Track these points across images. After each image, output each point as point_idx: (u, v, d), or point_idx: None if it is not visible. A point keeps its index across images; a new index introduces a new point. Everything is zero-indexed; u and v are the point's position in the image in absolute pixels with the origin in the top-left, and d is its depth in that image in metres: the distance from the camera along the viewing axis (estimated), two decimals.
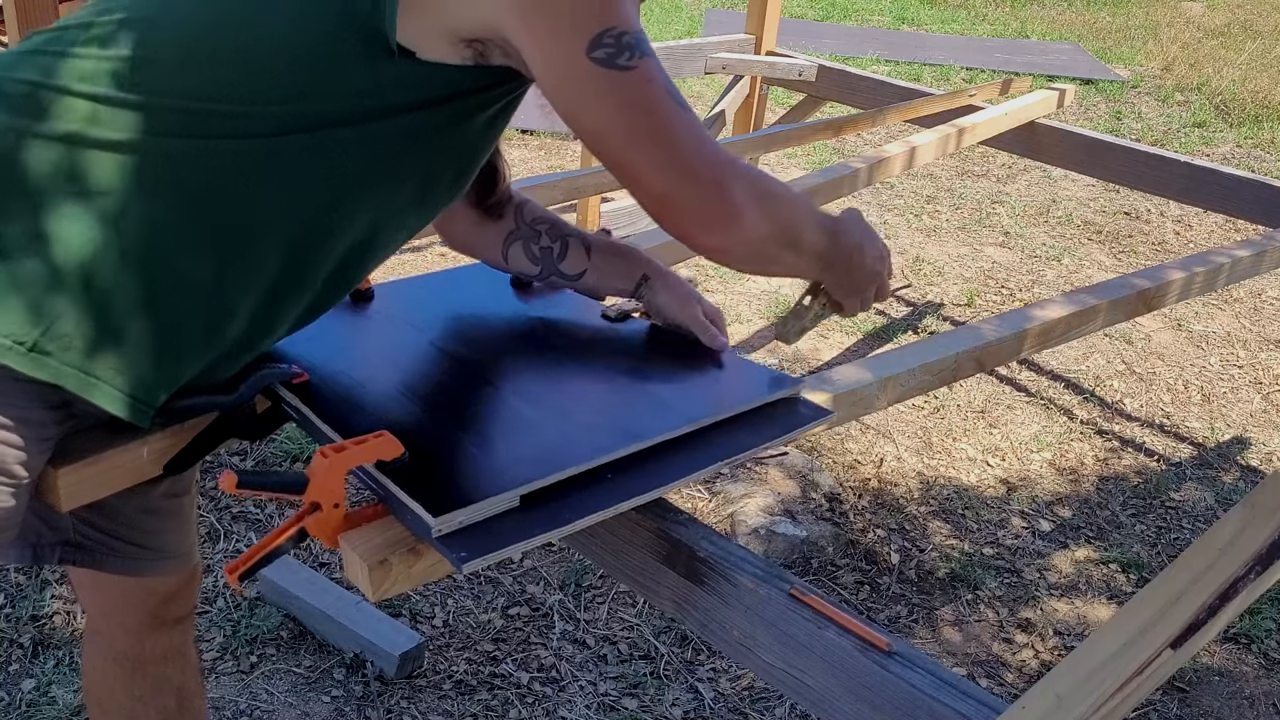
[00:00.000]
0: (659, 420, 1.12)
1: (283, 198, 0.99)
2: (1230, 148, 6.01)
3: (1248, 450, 3.14)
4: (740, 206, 0.97)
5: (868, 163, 2.62)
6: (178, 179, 0.96)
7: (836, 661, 0.98)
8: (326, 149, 0.98)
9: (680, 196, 0.96)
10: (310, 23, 0.95)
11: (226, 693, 1.99)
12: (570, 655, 2.16)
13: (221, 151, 0.96)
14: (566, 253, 1.34)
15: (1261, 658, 2.32)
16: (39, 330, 0.93)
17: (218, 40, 0.96)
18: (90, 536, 1.19)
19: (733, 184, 0.97)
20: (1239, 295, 4.16)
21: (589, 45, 0.90)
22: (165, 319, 0.98)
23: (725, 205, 0.97)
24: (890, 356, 1.49)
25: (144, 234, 0.95)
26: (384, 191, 1.05)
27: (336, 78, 0.96)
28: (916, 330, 3.71)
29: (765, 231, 1.01)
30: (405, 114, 1.00)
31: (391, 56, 0.95)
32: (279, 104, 0.96)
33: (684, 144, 0.95)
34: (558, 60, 0.92)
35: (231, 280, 1.00)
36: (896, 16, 9.14)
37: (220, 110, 0.95)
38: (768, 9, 3.92)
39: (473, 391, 1.19)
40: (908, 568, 2.49)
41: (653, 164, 0.95)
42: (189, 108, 0.95)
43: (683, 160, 0.95)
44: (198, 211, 0.97)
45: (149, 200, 0.95)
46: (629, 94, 0.93)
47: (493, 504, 0.96)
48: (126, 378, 0.99)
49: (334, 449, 0.94)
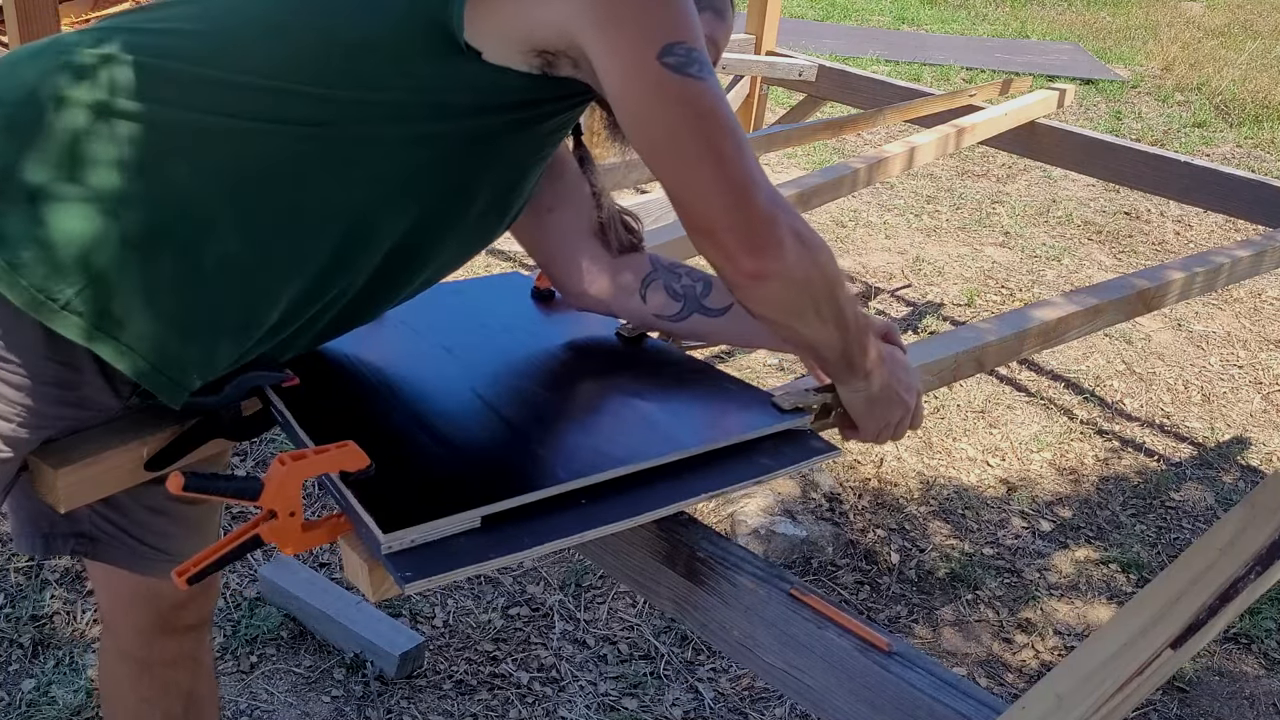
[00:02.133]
0: (647, 446, 1.09)
1: (335, 188, 1.00)
2: (1230, 148, 6.01)
3: (1248, 450, 3.14)
4: (786, 240, 0.97)
5: (867, 163, 2.62)
6: (237, 158, 0.97)
7: (836, 661, 0.97)
8: (384, 143, 0.99)
9: (732, 216, 0.95)
10: (383, 12, 0.96)
11: (227, 693, 1.99)
12: (570, 655, 2.16)
13: (282, 135, 0.97)
14: (711, 289, 1.29)
15: (1262, 658, 2.32)
16: (73, 289, 0.94)
17: (293, 20, 0.98)
18: (103, 529, 1.20)
19: (783, 218, 0.97)
20: (1239, 295, 4.16)
21: (661, 51, 0.92)
22: (203, 295, 0.99)
23: (773, 234, 0.96)
24: None
25: (191, 208, 0.96)
26: (433, 196, 1.05)
27: (402, 70, 0.97)
28: (916, 330, 3.71)
29: (803, 274, 1.00)
30: (465, 118, 1.00)
31: (458, 54, 0.96)
32: (345, 89, 0.97)
33: (744, 166, 0.95)
34: (630, 63, 0.93)
35: (274, 265, 1.01)
36: (896, 16, 9.14)
37: (286, 90, 0.97)
38: (767, 9, 3.92)
39: (463, 406, 1.17)
40: (908, 568, 2.49)
41: (712, 179, 0.94)
42: (258, 85, 0.97)
43: (741, 181, 0.95)
44: (250, 191, 0.98)
45: (204, 176, 0.96)
46: (698, 103, 0.93)
47: (450, 523, 0.94)
48: (156, 350, 0.99)
49: (293, 456, 0.93)
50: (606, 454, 1.07)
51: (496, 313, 1.38)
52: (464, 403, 1.18)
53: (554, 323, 1.38)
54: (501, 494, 0.98)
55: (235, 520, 2.40)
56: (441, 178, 1.04)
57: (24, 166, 0.94)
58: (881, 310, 3.81)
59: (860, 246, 4.37)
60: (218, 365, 1.04)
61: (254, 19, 1.00)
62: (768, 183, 0.97)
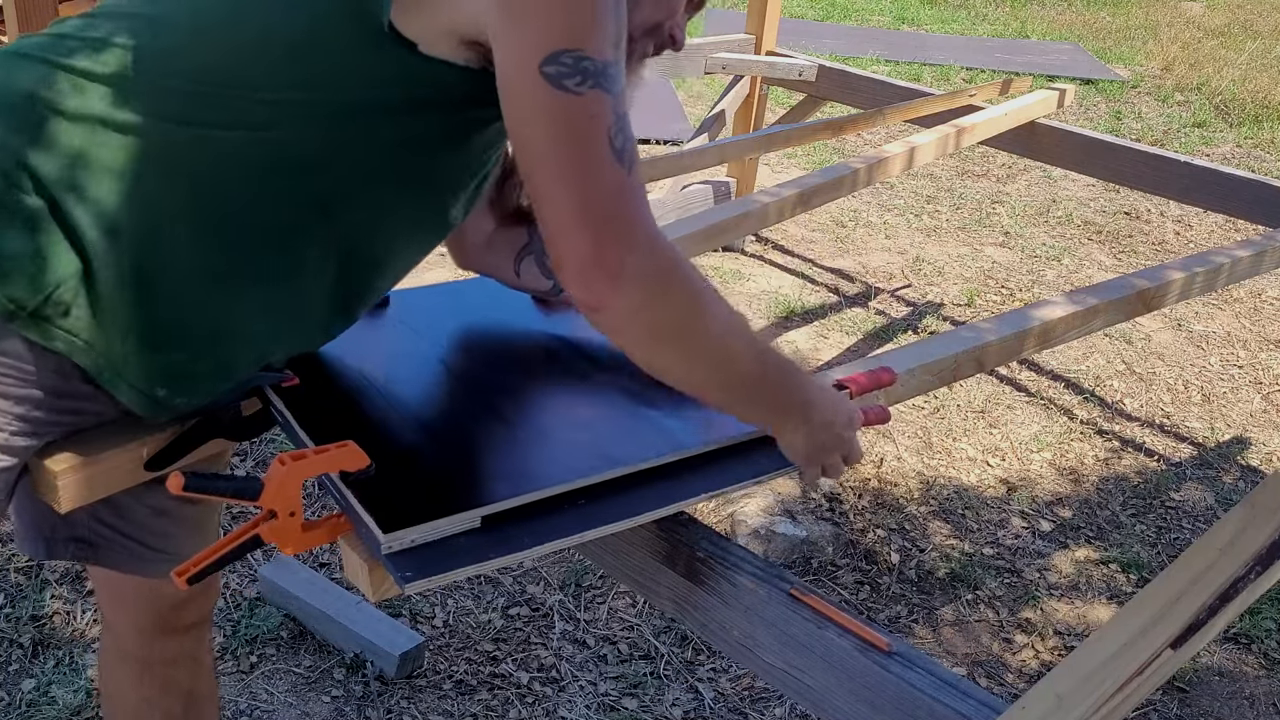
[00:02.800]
0: (645, 446, 1.09)
1: (280, 194, 0.98)
2: (1230, 148, 6.01)
3: (1248, 450, 3.13)
4: (631, 281, 0.89)
5: (867, 163, 2.62)
6: (179, 166, 0.96)
7: (836, 661, 0.98)
8: (326, 144, 0.97)
9: (570, 239, 0.89)
10: (313, 5, 0.95)
11: (226, 693, 1.99)
12: (570, 655, 2.16)
13: (223, 140, 0.96)
14: None
15: (1262, 658, 2.32)
16: (42, 297, 0.94)
17: (228, 20, 0.97)
18: (101, 534, 1.19)
19: (639, 259, 0.89)
20: (1239, 295, 4.16)
21: (544, 59, 0.87)
22: (164, 305, 0.99)
23: (618, 271, 0.89)
24: (890, 356, 1.49)
25: (149, 217, 0.96)
26: (386, 199, 1.04)
27: (338, 65, 0.95)
28: (916, 330, 3.71)
29: (651, 318, 0.93)
30: (408, 115, 0.98)
31: (392, 46, 0.93)
32: (283, 90, 0.95)
33: (598, 189, 0.89)
34: (511, 64, 0.90)
35: (234, 275, 1.00)
36: (896, 16, 9.14)
37: (223, 95, 0.95)
38: (768, 9, 3.92)
39: (461, 406, 1.17)
40: (908, 568, 2.49)
41: (560, 197, 0.89)
42: (193, 90, 0.95)
43: (590, 205, 0.88)
44: (199, 200, 0.97)
45: (162, 185, 0.96)
46: (564, 118, 0.88)
47: (450, 523, 0.94)
48: (123, 358, 0.99)
49: (293, 456, 0.93)
50: (606, 454, 1.07)
51: (496, 312, 1.39)
52: (464, 403, 1.18)
53: (554, 323, 1.38)
54: (501, 494, 0.98)
55: (235, 520, 2.40)
56: (392, 183, 1.02)
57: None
58: (881, 310, 3.81)
59: (860, 246, 4.37)
60: (191, 376, 1.04)
61: (199, 20, 0.98)
62: (639, 215, 0.91)
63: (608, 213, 0.89)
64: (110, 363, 1.00)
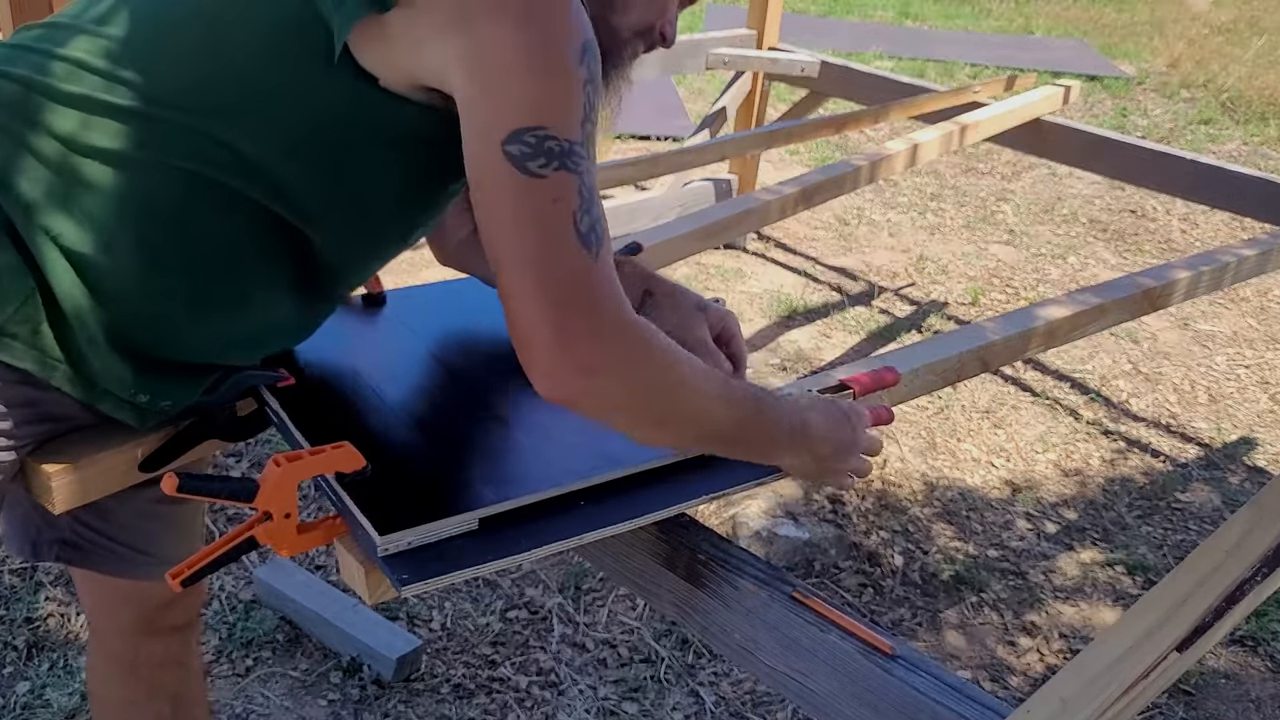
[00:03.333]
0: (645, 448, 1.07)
1: (237, 217, 0.97)
2: (1236, 145, 5.99)
3: (1255, 451, 3.11)
4: (599, 367, 0.87)
5: (870, 160, 2.61)
6: (136, 189, 0.95)
7: (839, 665, 0.96)
8: (286, 174, 0.96)
9: (534, 329, 0.86)
10: (273, 33, 0.92)
11: (222, 696, 1.98)
12: (570, 659, 2.15)
13: (177, 166, 0.95)
14: None
15: (1268, 660, 2.30)
16: (11, 309, 0.94)
17: (199, 42, 0.95)
18: (85, 537, 1.19)
19: (597, 340, 0.87)
20: (1246, 294, 4.14)
21: (508, 136, 0.85)
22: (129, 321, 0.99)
23: (575, 355, 0.87)
24: (894, 356, 1.47)
25: (104, 235, 0.95)
26: (348, 222, 1.02)
27: (297, 96, 0.93)
28: (920, 329, 3.69)
29: (624, 401, 0.92)
30: (369, 147, 0.96)
31: (350, 76, 0.91)
32: (244, 119, 0.94)
33: (561, 276, 0.86)
34: (475, 135, 0.87)
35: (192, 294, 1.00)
36: (900, 12, 9.12)
37: (181, 122, 0.94)
38: (769, 4, 3.91)
39: (459, 407, 1.16)
40: (911, 570, 2.47)
41: (521, 284, 0.86)
42: (149, 114, 0.94)
43: (551, 292, 0.85)
44: (153, 222, 0.96)
45: (110, 207, 0.95)
46: (526, 201, 0.85)
47: (447, 525, 0.93)
48: (98, 371, 0.99)
49: (288, 457, 0.92)
50: (605, 455, 1.06)
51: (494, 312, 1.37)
52: (461, 404, 1.16)
53: None
54: (499, 496, 0.97)
55: (231, 522, 2.39)
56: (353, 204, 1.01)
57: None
58: (885, 309, 3.79)
59: (864, 244, 4.35)
60: (167, 381, 1.04)
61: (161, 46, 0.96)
62: (605, 301, 0.88)
63: (570, 300, 0.86)
64: (85, 376, 0.99)
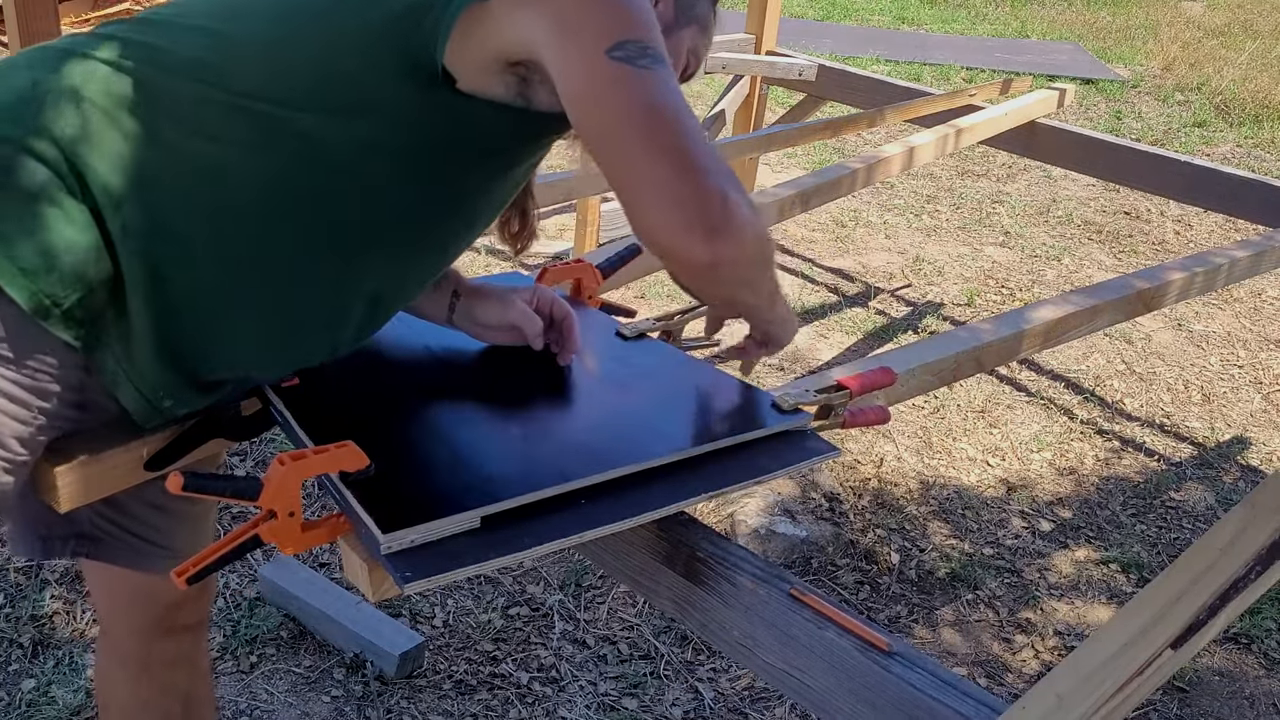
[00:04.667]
0: (646, 446, 1.08)
1: (299, 224, 1.00)
2: (1230, 147, 6.01)
3: (1248, 450, 3.13)
4: (741, 221, 0.94)
5: (867, 162, 2.62)
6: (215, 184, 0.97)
7: (836, 661, 0.97)
8: (354, 177, 0.99)
9: (684, 201, 0.92)
10: (362, 33, 0.96)
11: (226, 692, 1.99)
12: (570, 655, 2.16)
13: (257, 164, 0.97)
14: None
15: (1262, 658, 2.32)
16: (75, 297, 0.96)
17: (291, 35, 0.98)
18: (104, 529, 1.20)
19: (736, 196, 0.94)
20: (1239, 295, 4.16)
21: (611, 47, 0.92)
22: (181, 324, 1.00)
23: (729, 215, 0.93)
24: (890, 356, 1.48)
25: (173, 231, 0.97)
26: (404, 237, 1.05)
27: (384, 98, 0.97)
28: (916, 330, 3.71)
29: (755, 253, 0.99)
30: (443, 151, 1.00)
31: (436, 81, 0.95)
32: (321, 115, 0.96)
33: (695, 147, 0.93)
34: (577, 60, 0.93)
35: (239, 302, 1.02)
36: (896, 16, 9.14)
37: (268, 114, 0.96)
38: (768, 8, 3.92)
39: (462, 406, 1.17)
40: (908, 568, 2.49)
41: (659, 164, 0.92)
42: (247, 107, 0.96)
43: (692, 163, 0.92)
44: (226, 220, 0.98)
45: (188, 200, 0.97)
46: (644, 91, 0.92)
47: (450, 524, 0.94)
48: (136, 368, 1.01)
49: (292, 456, 0.93)
50: (606, 454, 1.06)
51: None
52: (463, 403, 1.17)
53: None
54: (501, 494, 0.98)
55: (235, 520, 2.40)
56: (412, 215, 1.04)
57: (24, 170, 0.94)
58: (881, 310, 3.81)
59: (860, 246, 4.37)
60: (195, 389, 1.06)
61: (257, 32, 1.00)
62: (719, 166, 0.95)
63: (708, 165, 0.92)
64: (123, 370, 1.01)
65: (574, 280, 1.45)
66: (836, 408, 1.22)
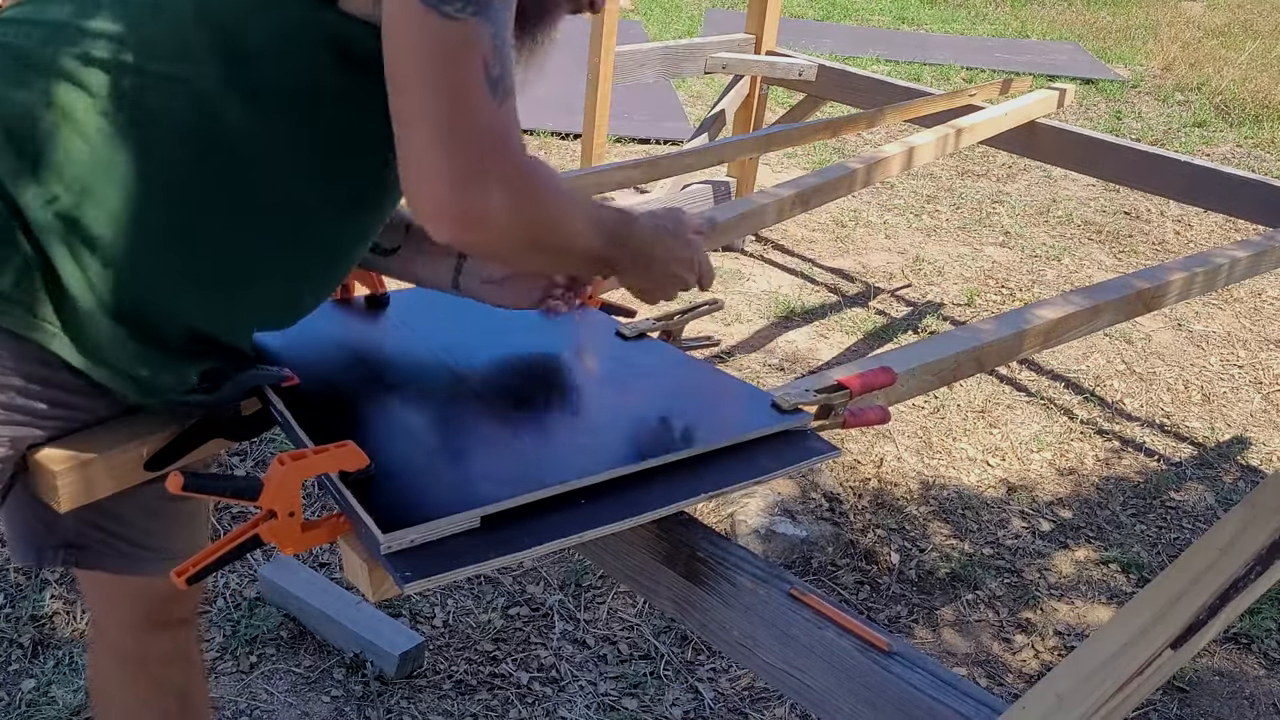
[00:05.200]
0: (646, 446, 1.08)
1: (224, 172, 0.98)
2: (1230, 147, 6.01)
3: (1248, 450, 3.13)
4: (488, 212, 0.90)
5: (867, 162, 2.62)
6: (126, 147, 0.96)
7: (836, 661, 0.97)
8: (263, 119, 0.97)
9: (431, 168, 0.88)
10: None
11: (226, 692, 1.99)
12: (570, 655, 2.16)
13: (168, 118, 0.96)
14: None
15: (1262, 658, 2.32)
16: (10, 280, 0.96)
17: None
18: (91, 538, 1.19)
19: (493, 184, 0.90)
20: (1239, 295, 4.16)
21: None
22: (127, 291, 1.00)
23: (471, 202, 0.89)
24: (890, 356, 1.48)
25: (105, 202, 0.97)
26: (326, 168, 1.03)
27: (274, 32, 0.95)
28: (916, 330, 3.71)
29: (512, 241, 0.95)
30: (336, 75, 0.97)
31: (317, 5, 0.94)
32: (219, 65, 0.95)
33: (464, 117, 0.87)
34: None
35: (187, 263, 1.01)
36: (896, 16, 9.14)
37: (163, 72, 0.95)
38: (768, 9, 3.92)
39: (461, 406, 1.17)
40: (908, 568, 2.49)
41: (424, 122, 0.88)
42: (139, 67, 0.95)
43: (454, 131, 0.87)
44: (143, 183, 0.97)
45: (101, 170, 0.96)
46: (439, 41, 0.87)
47: (450, 523, 0.94)
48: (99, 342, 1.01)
49: (292, 456, 0.93)
50: (606, 454, 1.07)
51: (495, 313, 1.38)
52: (463, 403, 1.17)
53: (553, 323, 1.38)
54: (501, 494, 0.98)
55: (235, 520, 2.40)
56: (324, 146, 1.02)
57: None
58: (881, 310, 3.81)
59: (860, 246, 4.37)
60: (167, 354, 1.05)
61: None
62: (506, 143, 0.90)
63: (473, 145, 0.88)
64: (86, 348, 1.01)
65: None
66: (836, 408, 1.22)
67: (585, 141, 3.41)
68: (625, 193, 4.14)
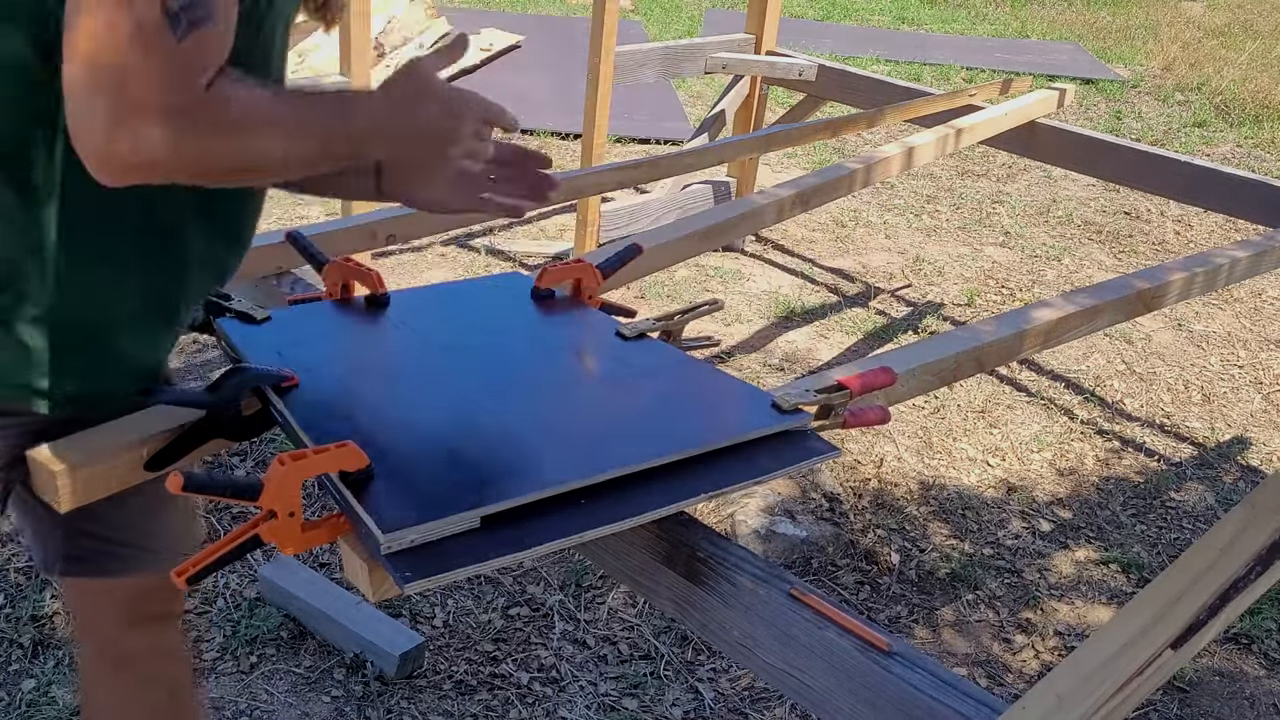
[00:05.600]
0: (646, 446, 1.08)
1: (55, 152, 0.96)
2: (1230, 147, 6.01)
3: (1248, 450, 3.14)
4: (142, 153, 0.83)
5: (867, 163, 2.62)
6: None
7: (836, 662, 0.97)
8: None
9: (85, 110, 0.82)
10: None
11: (226, 693, 1.99)
12: (570, 655, 2.16)
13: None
14: None
15: (1262, 658, 2.32)
16: None
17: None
18: (86, 547, 1.19)
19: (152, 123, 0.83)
20: (1239, 295, 4.16)
21: None
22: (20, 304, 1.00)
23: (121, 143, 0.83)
24: (890, 356, 1.48)
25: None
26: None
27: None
28: (917, 330, 3.71)
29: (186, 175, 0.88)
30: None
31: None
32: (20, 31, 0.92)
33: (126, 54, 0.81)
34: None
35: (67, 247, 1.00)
36: (896, 16, 9.14)
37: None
38: (768, 9, 3.92)
39: (462, 406, 1.17)
40: (908, 568, 2.49)
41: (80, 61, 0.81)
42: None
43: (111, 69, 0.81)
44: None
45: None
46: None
47: (450, 523, 0.94)
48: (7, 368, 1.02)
49: (292, 456, 0.93)
50: (605, 454, 1.07)
51: (496, 313, 1.38)
52: (463, 403, 1.17)
53: (553, 323, 1.38)
54: (501, 494, 0.98)
55: (235, 520, 2.40)
56: None
57: None
58: (881, 310, 3.81)
59: (860, 246, 4.37)
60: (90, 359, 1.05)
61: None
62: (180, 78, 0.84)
63: (134, 79, 0.82)
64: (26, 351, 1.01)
65: (574, 280, 1.45)
66: (836, 408, 1.22)
67: (585, 141, 3.41)
68: (625, 193, 4.14)
